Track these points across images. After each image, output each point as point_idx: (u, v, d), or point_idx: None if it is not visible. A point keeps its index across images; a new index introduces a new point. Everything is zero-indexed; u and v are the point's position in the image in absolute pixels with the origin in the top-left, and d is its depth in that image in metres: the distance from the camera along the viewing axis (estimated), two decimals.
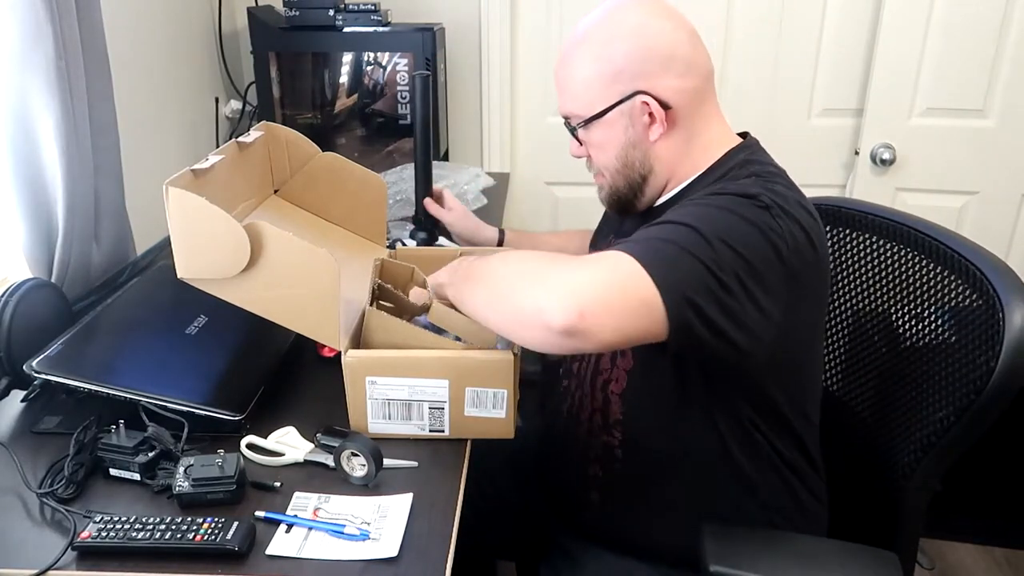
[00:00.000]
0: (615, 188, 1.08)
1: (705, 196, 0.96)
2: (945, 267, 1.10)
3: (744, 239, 0.89)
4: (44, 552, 0.85)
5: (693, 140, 1.04)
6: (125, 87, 1.46)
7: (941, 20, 2.01)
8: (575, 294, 0.82)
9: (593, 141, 1.06)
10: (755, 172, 1.00)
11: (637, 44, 1.00)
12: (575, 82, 1.04)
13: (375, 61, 2.03)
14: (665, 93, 1.00)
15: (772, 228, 0.90)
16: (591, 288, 0.84)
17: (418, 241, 1.61)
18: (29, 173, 1.23)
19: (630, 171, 1.05)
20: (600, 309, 0.82)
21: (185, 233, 0.97)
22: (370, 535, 0.88)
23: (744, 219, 0.90)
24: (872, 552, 0.99)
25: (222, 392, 1.09)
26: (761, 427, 1.03)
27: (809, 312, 1.00)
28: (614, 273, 0.85)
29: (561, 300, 0.82)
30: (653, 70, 1.00)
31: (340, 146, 2.09)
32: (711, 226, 0.88)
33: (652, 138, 1.02)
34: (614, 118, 1.03)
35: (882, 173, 2.17)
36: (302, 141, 1.33)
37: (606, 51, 1.01)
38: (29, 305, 1.15)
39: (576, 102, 1.05)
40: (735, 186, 0.96)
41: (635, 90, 1.00)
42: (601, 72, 1.01)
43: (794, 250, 0.91)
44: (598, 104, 1.02)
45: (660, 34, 1.00)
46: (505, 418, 1.03)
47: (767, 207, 0.91)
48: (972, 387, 1.00)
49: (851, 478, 1.17)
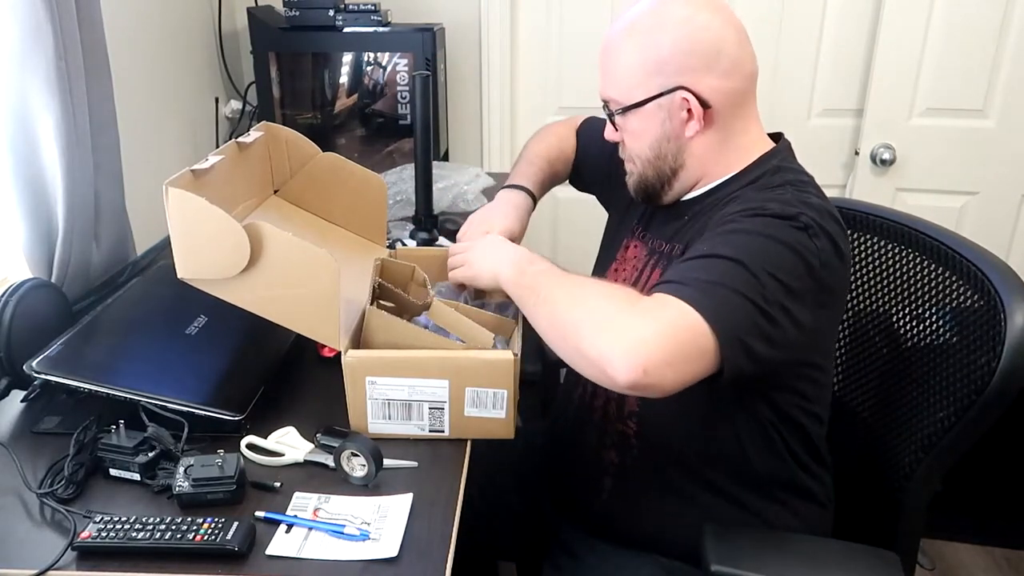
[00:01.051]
0: (644, 177, 1.08)
1: (746, 216, 0.96)
2: (946, 268, 1.10)
3: (786, 265, 0.91)
4: (44, 552, 0.85)
5: (729, 141, 1.04)
6: (125, 87, 1.46)
7: (941, 20, 2.01)
8: (639, 353, 0.84)
9: (629, 129, 1.06)
10: (789, 181, 1.01)
11: (683, 38, 0.99)
12: (617, 68, 1.04)
13: (375, 61, 2.03)
14: (706, 91, 1.00)
15: (809, 248, 0.92)
16: (655, 345, 0.85)
17: (418, 241, 1.61)
18: (29, 173, 1.23)
19: (662, 163, 1.05)
20: (663, 364, 0.85)
21: (185, 233, 0.97)
22: (370, 535, 0.88)
23: (786, 245, 0.92)
24: (873, 552, 0.99)
25: (222, 392, 1.08)
26: (777, 425, 1.04)
27: (830, 317, 1.03)
28: (677, 328, 0.87)
29: (626, 357, 0.84)
30: (697, 66, 0.99)
31: (340, 146, 2.09)
32: (757, 258, 0.91)
33: (688, 134, 1.02)
34: (652, 110, 1.02)
35: (882, 173, 2.17)
36: (302, 141, 1.33)
37: (651, 41, 1.00)
38: (29, 305, 1.15)
39: (617, 88, 1.04)
40: (775, 205, 0.95)
41: (676, 85, 1.00)
42: (644, 62, 1.01)
43: (825, 264, 0.93)
44: (638, 93, 1.02)
45: (707, 30, 0.99)
46: (505, 418, 1.03)
47: (805, 228, 0.93)
48: (973, 387, 0.99)
49: (852, 478, 1.17)
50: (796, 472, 1.07)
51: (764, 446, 1.04)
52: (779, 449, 1.05)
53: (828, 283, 0.95)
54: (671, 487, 1.08)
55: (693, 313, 0.86)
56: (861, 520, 1.15)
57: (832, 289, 0.98)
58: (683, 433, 1.05)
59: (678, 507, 1.08)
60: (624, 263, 1.18)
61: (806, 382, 1.03)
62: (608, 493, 1.12)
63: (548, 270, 1.03)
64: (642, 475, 1.09)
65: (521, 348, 1.05)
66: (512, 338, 1.13)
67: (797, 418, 1.05)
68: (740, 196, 1.02)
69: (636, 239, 1.18)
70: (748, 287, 0.89)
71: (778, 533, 1.06)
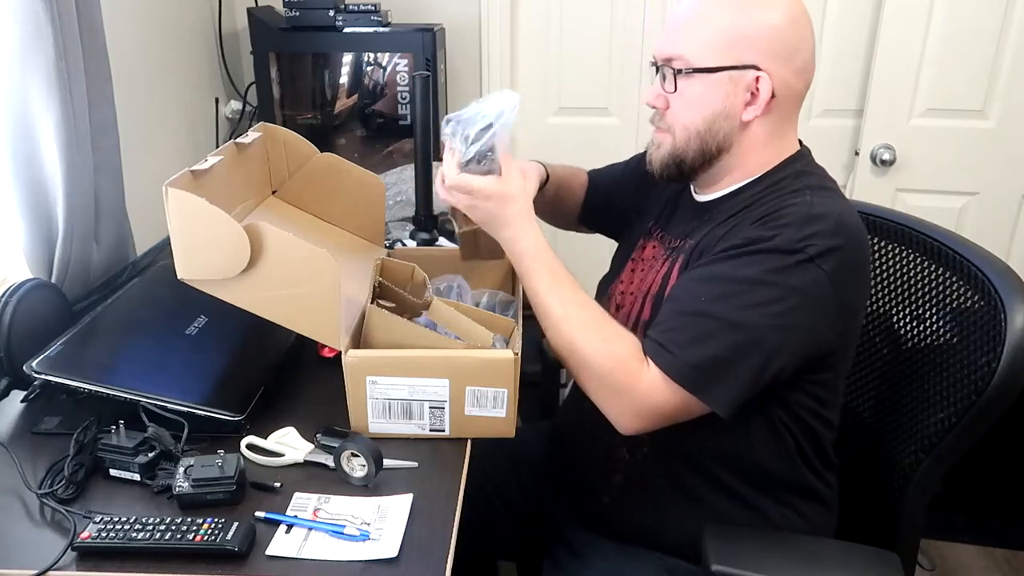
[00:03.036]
0: (681, 150, 1.04)
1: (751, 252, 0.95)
2: (946, 268, 1.10)
3: (793, 314, 0.93)
4: (44, 553, 0.85)
5: (772, 137, 1.03)
6: (125, 88, 1.46)
7: (941, 20, 2.01)
8: (642, 420, 0.98)
9: (687, 94, 1.01)
10: (808, 185, 1.01)
11: (778, 21, 0.98)
12: (702, 26, 1.00)
13: (375, 61, 2.03)
14: (776, 81, 0.98)
15: (818, 282, 0.93)
16: (657, 414, 0.97)
17: (418, 241, 1.62)
18: (29, 174, 1.23)
19: (709, 139, 1.02)
20: (661, 422, 0.98)
21: (185, 234, 0.97)
22: (370, 536, 0.88)
23: (792, 290, 0.93)
24: (873, 552, 0.99)
25: (222, 392, 1.08)
26: (791, 427, 1.04)
27: (850, 328, 1.02)
28: (676, 400, 0.95)
29: (630, 423, 0.98)
30: (779, 54, 0.98)
31: (340, 147, 2.09)
32: (761, 315, 0.93)
33: (745, 118, 1.00)
34: (720, 80, 0.99)
35: (882, 174, 2.17)
36: (300, 142, 1.33)
37: (747, 13, 0.98)
38: (29, 305, 1.15)
39: (691, 46, 1.00)
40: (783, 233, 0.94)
41: (754, 63, 0.98)
42: (732, 29, 0.98)
43: (839, 284, 0.94)
44: (712, 59, 0.99)
45: (798, 23, 0.99)
46: (506, 417, 1.03)
47: (811, 259, 0.92)
48: (973, 388, 0.99)
49: (852, 479, 1.17)
50: (806, 475, 1.07)
51: (776, 449, 1.04)
52: (791, 452, 1.05)
53: (845, 300, 0.96)
54: (681, 486, 1.08)
55: (685, 395, 0.94)
56: (861, 520, 1.15)
57: (850, 304, 0.99)
58: (696, 433, 1.04)
59: (686, 506, 1.08)
60: (641, 262, 1.16)
61: (822, 387, 1.03)
62: (618, 489, 1.12)
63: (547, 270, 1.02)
64: (652, 473, 1.09)
65: (521, 348, 1.05)
66: (512, 337, 1.13)
67: (810, 422, 1.04)
68: (760, 200, 1.01)
69: (654, 240, 1.16)
70: (748, 352, 0.93)
71: (778, 533, 1.06)
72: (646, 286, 1.11)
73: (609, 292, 1.20)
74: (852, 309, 1.00)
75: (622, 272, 1.19)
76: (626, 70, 2.21)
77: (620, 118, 2.26)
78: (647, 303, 1.08)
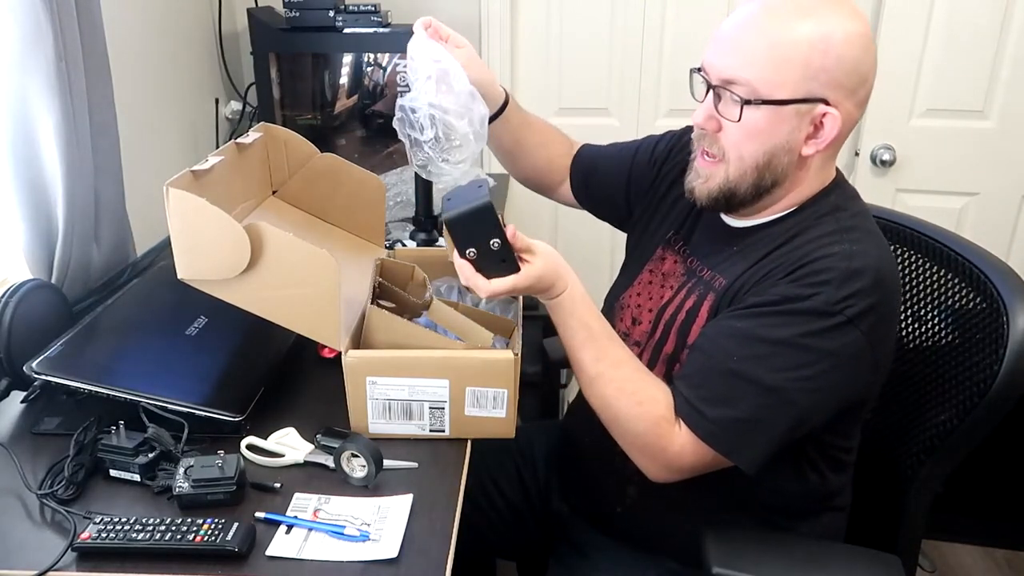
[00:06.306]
0: (733, 184, 0.97)
1: (786, 313, 0.91)
2: (947, 269, 1.10)
3: (827, 377, 0.91)
4: (44, 553, 0.85)
5: (821, 168, 0.99)
6: (125, 88, 1.46)
7: (941, 21, 2.01)
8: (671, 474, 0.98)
9: (749, 124, 0.93)
10: (844, 227, 0.95)
11: (854, 53, 0.91)
12: (774, 52, 0.91)
13: (375, 62, 2.03)
14: (842, 114, 0.93)
15: (856, 342, 0.90)
16: (688, 470, 0.97)
17: (418, 242, 1.62)
18: (29, 174, 1.23)
19: (767, 173, 0.96)
20: (693, 475, 0.98)
21: (185, 234, 0.97)
22: (370, 536, 0.88)
23: (829, 354, 0.90)
24: (874, 555, 0.98)
25: (222, 393, 1.08)
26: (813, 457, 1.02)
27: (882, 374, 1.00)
28: (707, 459, 0.95)
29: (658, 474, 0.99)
30: (847, 87, 0.92)
31: (340, 147, 2.09)
32: (794, 379, 0.91)
33: (806, 152, 0.95)
34: (788, 113, 0.92)
35: (882, 174, 2.17)
36: (300, 142, 1.33)
37: (825, 42, 0.89)
38: (29, 306, 1.15)
39: (761, 73, 0.91)
40: (819, 299, 0.89)
41: (824, 97, 0.92)
42: (810, 61, 0.90)
43: (876, 342, 0.92)
44: (784, 91, 0.91)
45: (868, 53, 0.93)
46: (506, 418, 1.03)
47: (849, 320, 0.89)
48: (975, 390, 0.99)
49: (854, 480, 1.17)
50: (819, 487, 1.05)
51: (796, 470, 1.03)
52: (809, 474, 1.03)
53: (880, 354, 0.95)
54: (698, 506, 1.05)
55: (715, 454, 0.94)
56: (862, 522, 1.15)
57: (885, 355, 0.97)
58: None
59: (700, 520, 1.04)
60: (658, 276, 1.13)
61: (849, 421, 1.02)
62: (631, 500, 1.11)
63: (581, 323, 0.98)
64: (669, 494, 1.04)
65: (521, 348, 1.05)
66: (512, 338, 1.13)
67: (831, 451, 1.03)
68: (795, 237, 0.97)
69: (673, 252, 1.12)
70: (780, 414, 0.92)
71: (779, 535, 1.06)
72: (663, 303, 1.08)
73: (624, 301, 1.16)
74: (886, 358, 0.98)
75: (637, 280, 1.15)
76: (626, 70, 2.21)
77: (620, 118, 2.26)
78: (672, 333, 1.04)
